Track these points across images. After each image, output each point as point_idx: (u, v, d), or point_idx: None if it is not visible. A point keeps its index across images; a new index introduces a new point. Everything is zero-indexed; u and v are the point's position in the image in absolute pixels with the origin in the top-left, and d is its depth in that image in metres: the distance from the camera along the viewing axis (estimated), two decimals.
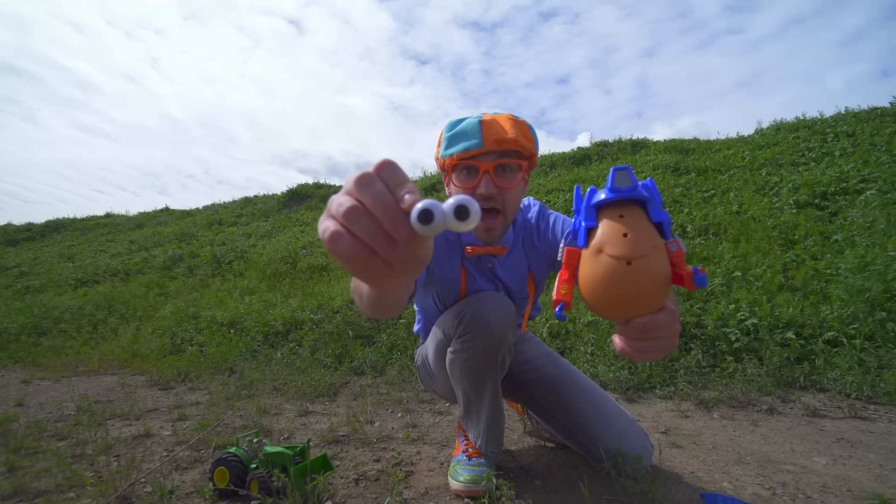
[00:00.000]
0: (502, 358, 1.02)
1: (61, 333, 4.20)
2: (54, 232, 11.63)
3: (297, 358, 2.84)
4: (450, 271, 1.07)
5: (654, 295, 0.48)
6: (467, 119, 0.97)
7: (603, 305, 0.49)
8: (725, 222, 4.08)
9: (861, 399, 1.82)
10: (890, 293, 2.39)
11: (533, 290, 1.17)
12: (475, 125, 0.94)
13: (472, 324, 0.97)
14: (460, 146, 0.94)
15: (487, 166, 0.94)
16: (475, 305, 0.99)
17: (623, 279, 0.47)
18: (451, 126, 0.98)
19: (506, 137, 0.92)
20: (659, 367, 2.20)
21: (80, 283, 6.24)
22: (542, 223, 1.12)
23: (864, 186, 4.18)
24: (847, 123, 6.21)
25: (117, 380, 2.67)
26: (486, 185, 0.94)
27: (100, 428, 1.63)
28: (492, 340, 0.97)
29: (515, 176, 0.98)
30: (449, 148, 0.96)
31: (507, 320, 0.99)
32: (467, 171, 0.96)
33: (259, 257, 5.78)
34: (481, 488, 0.98)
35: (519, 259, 1.12)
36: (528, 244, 1.12)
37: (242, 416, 1.77)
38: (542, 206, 1.15)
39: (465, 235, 1.07)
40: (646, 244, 0.47)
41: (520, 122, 0.97)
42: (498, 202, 0.97)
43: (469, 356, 0.99)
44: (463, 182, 0.97)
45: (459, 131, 0.95)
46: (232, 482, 1.01)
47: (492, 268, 1.10)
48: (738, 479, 1.10)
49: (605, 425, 1.09)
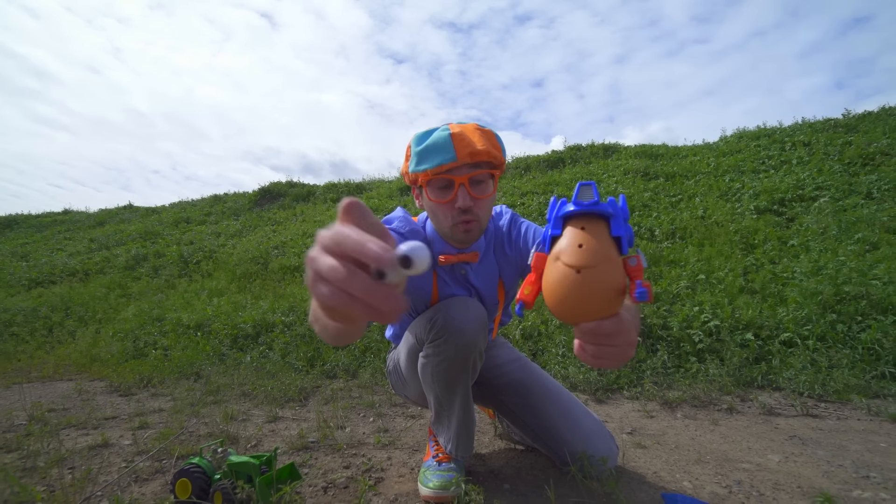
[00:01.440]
0: (473, 362, 1.03)
1: (13, 337, 3.97)
2: (7, 229, 10.97)
3: (268, 362, 2.78)
4: (419, 279, 1.07)
5: (603, 303, 0.50)
6: (436, 132, 0.96)
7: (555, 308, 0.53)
8: (691, 226, 4.23)
9: (813, 397, 1.92)
10: (840, 296, 2.53)
11: (503, 296, 1.18)
12: (447, 139, 0.94)
13: (443, 328, 0.98)
14: (434, 161, 0.94)
15: (462, 179, 0.94)
16: (447, 310, 0.99)
17: (572, 286, 0.50)
18: (419, 140, 0.97)
19: (478, 150, 0.93)
20: (627, 369, 2.26)
21: (34, 284, 5.91)
22: (514, 231, 1.14)
23: (819, 194, 4.42)
24: (804, 133, 6.55)
25: (74, 386, 2.55)
26: (462, 199, 0.95)
27: (53, 438, 1.55)
28: (463, 345, 0.98)
29: (488, 186, 0.99)
30: (421, 163, 0.96)
31: (479, 325, 1.00)
32: (443, 187, 0.97)
33: (229, 257, 5.62)
34: (450, 494, 0.98)
35: (490, 266, 1.13)
36: (500, 251, 1.14)
37: (208, 424, 1.71)
38: (514, 214, 1.17)
39: (437, 245, 1.07)
40: (598, 256, 0.50)
41: (487, 132, 0.98)
42: (474, 213, 0.98)
43: (440, 360, 1.00)
44: (439, 196, 0.97)
45: (431, 146, 0.94)
46: (194, 494, 0.98)
47: (465, 275, 1.11)
48: (697, 478, 1.15)
49: (572, 428, 1.12)
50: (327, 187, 9.44)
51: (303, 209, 8.27)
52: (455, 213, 0.97)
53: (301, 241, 5.92)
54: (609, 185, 5.97)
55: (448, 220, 0.99)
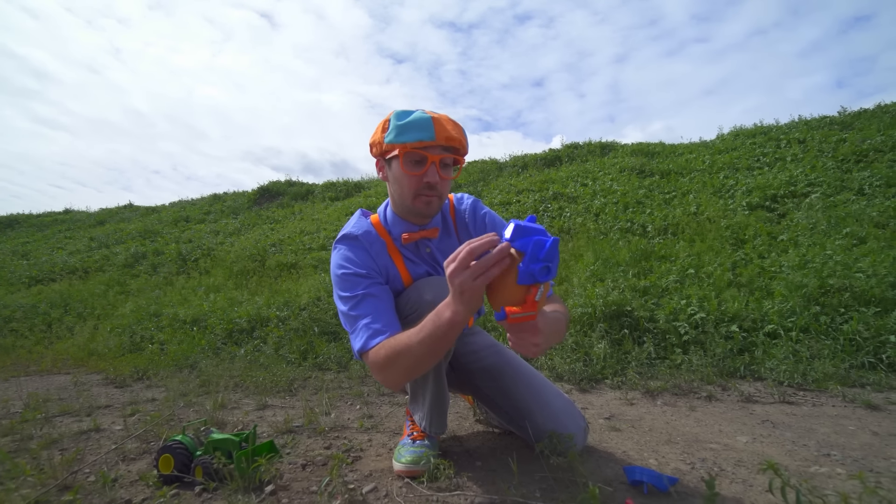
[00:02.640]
0: None
1: (12, 333, 4.03)
2: (8, 228, 11.05)
3: (261, 355, 2.83)
4: (385, 263, 1.13)
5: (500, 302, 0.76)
6: (415, 113, 1.04)
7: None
8: (683, 223, 4.27)
9: (792, 386, 1.95)
10: (825, 289, 2.56)
11: None
12: (428, 120, 1.02)
13: (415, 305, 1.04)
14: (414, 136, 1.01)
15: (435, 158, 1.03)
16: (419, 289, 1.08)
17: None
18: (401, 115, 1.04)
19: (453, 136, 1.03)
20: (612, 360, 2.30)
21: (34, 282, 5.98)
22: (478, 214, 1.24)
23: (811, 190, 4.45)
24: (799, 131, 6.57)
25: (71, 379, 2.60)
26: (432, 175, 1.04)
27: (47, 424, 1.59)
28: None
29: (452, 170, 1.11)
30: (401, 136, 1.02)
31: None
32: (417, 161, 1.04)
33: (226, 255, 5.67)
34: (420, 468, 1.03)
35: (453, 244, 1.19)
36: (464, 231, 1.23)
37: (198, 412, 1.76)
38: (476, 199, 1.27)
39: (397, 226, 1.14)
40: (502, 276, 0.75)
41: (458, 125, 1.09)
42: (438, 191, 1.07)
43: None
44: (411, 169, 1.04)
45: (412, 123, 1.02)
46: (176, 468, 1.02)
47: (430, 252, 1.18)
48: (664, 456, 1.18)
49: (541, 408, 1.16)
50: (325, 186, 9.49)
51: (301, 208, 8.32)
52: (422, 186, 1.05)
53: (298, 238, 5.97)
54: (605, 182, 6.01)
55: (412, 191, 1.06)
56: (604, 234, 4.41)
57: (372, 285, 1.05)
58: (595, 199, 5.42)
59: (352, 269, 1.06)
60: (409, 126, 1.02)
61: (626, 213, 4.81)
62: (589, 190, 5.80)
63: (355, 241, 1.11)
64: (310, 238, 5.91)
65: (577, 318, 2.70)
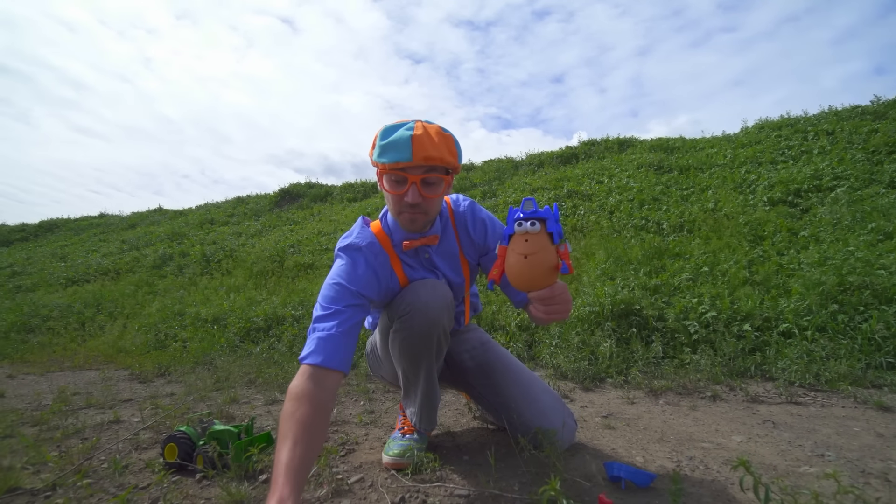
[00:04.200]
0: (438, 341, 1.10)
1: (49, 331, 4.28)
2: (48, 232, 11.68)
3: (275, 352, 2.92)
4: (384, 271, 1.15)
5: (544, 277, 0.79)
6: (400, 130, 1.02)
7: (514, 282, 0.81)
8: (700, 219, 4.17)
9: (804, 387, 1.91)
10: (844, 286, 2.48)
11: (468, 273, 1.26)
12: (406, 140, 1.00)
13: (410, 305, 1.07)
14: (391, 157, 1.00)
15: (415, 178, 1.02)
16: (415, 290, 1.10)
17: (523, 267, 0.79)
18: (384, 134, 1.04)
19: (432, 155, 1.00)
20: (618, 359, 2.29)
21: (70, 283, 6.31)
22: (477, 217, 1.23)
23: (836, 184, 4.27)
24: (828, 122, 6.31)
25: (99, 374, 2.75)
26: (412, 195, 1.03)
27: (72, 415, 1.71)
28: (427, 321, 1.06)
29: (439, 188, 1.07)
30: (381, 156, 1.02)
31: (443, 304, 1.08)
32: (396, 181, 1.04)
33: (247, 256, 5.85)
34: (405, 461, 1.07)
35: (451, 246, 1.22)
36: (463, 232, 1.24)
37: (211, 406, 1.85)
38: (473, 202, 1.26)
39: (398, 233, 1.16)
40: (537, 246, 0.78)
41: (447, 137, 1.05)
42: (422, 208, 1.07)
43: (406, 335, 1.09)
44: (393, 188, 1.05)
45: (391, 143, 1.01)
46: (180, 457, 1.09)
47: (429, 258, 1.20)
48: (652, 454, 1.19)
49: (529, 404, 1.18)
50: (344, 187, 9.66)
51: (320, 209, 8.50)
52: (404, 205, 1.05)
53: (315, 239, 6.11)
54: (621, 179, 5.92)
55: (397, 209, 1.09)
56: (617, 231, 4.36)
57: (352, 305, 1.04)
58: (610, 196, 5.35)
59: (344, 282, 1.06)
60: (388, 146, 1.01)
61: (641, 211, 4.73)
62: (604, 187, 5.72)
63: (359, 251, 1.12)
64: (327, 239, 6.04)
65: (585, 316, 2.69)
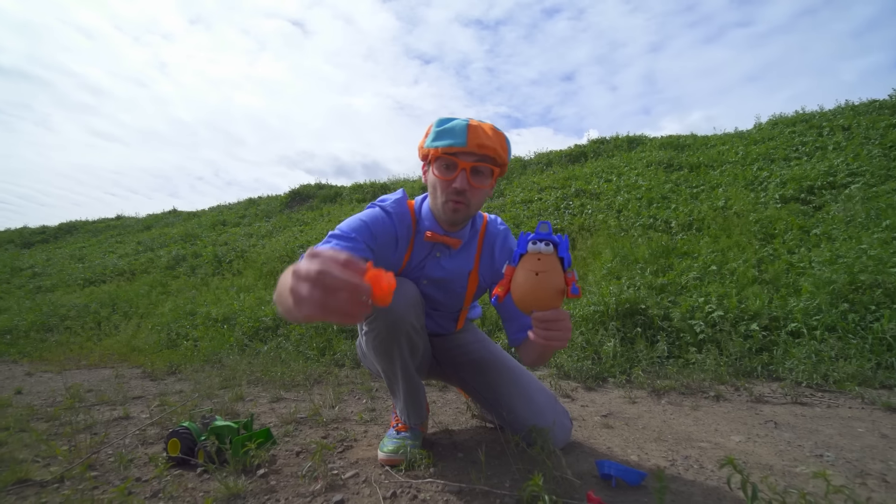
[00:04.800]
0: (407, 337, 1.10)
1: (67, 330, 4.40)
2: (67, 234, 11.99)
3: (283, 351, 2.97)
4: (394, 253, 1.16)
5: (551, 298, 0.80)
6: (457, 120, 1.07)
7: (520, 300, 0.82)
8: (709, 218, 4.12)
9: (811, 387, 1.88)
10: (855, 285, 2.43)
11: (475, 288, 1.27)
12: (463, 127, 1.04)
13: (374, 307, 1.07)
14: (446, 142, 1.04)
15: (466, 165, 1.05)
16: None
17: (532, 284, 0.80)
18: (441, 122, 1.08)
19: (486, 143, 1.04)
20: (622, 359, 2.28)
21: (87, 283, 6.47)
22: (507, 244, 1.25)
23: (851, 180, 4.18)
24: (844, 117, 6.17)
25: (113, 372, 2.82)
26: (461, 181, 1.05)
27: (85, 412, 1.76)
28: (392, 321, 1.06)
29: (487, 179, 1.09)
30: (436, 141, 1.06)
31: (407, 303, 1.08)
32: (447, 166, 1.07)
33: (258, 256, 5.94)
34: (398, 457, 1.08)
35: (468, 258, 1.23)
36: (487, 251, 1.25)
37: (217, 403, 1.89)
38: (508, 229, 1.28)
39: (427, 222, 1.17)
40: (548, 265, 0.80)
41: (499, 134, 1.08)
42: (466, 198, 1.08)
43: (374, 336, 1.10)
44: (442, 174, 1.07)
45: (448, 129, 1.05)
46: (182, 452, 1.13)
47: (438, 258, 1.20)
48: (647, 453, 1.18)
49: (525, 402, 1.18)
50: (353, 188, 9.73)
51: (329, 210, 8.57)
52: (451, 191, 1.07)
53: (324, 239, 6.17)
54: (629, 177, 5.87)
55: (442, 197, 1.09)
56: (625, 230, 4.32)
57: (365, 244, 1.06)
58: (618, 195, 5.30)
59: (369, 225, 1.09)
60: (444, 132, 1.05)
61: (649, 209, 4.69)
62: (613, 186, 5.68)
63: (388, 216, 1.14)
64: None
65: (589, 316, 2.68)
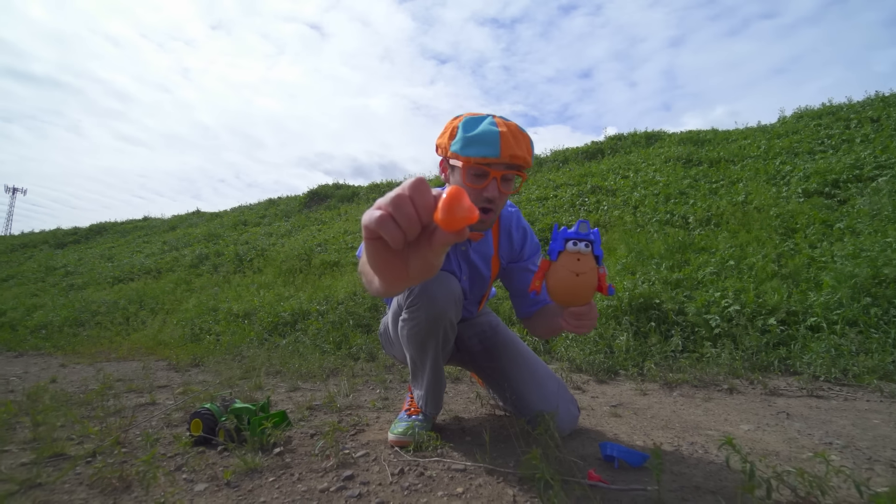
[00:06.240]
0: (444, 332, 1.14)
1: (97, 325, 4.60)
2: (97, 235, 12.46)
3: (301, 345, 3.05)
4: None
5: (586, 295, 0.86)
6: (483, 123, 1.05)
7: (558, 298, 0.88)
8: (728, 213, 4.04)
9: (830, 381, 1.84)
10: (878, 279, 2.37)
11: (497, 270, 1.31)
12: (496, 136, 1.02)
13: (418, 297, 1.12)
14: (478, 151, 1.02)
15: (497, 174, 1.05)
16: (426, 281, 1.13)
17: (573, 284, 0.84)
18: (469, 126, 1.05)
19: (518, 154, 1.04)
20: (634, 353, 2.27)
21: (116, 281, 6.73)
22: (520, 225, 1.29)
23: (879, 173, 4.04)
24: (873, 108, 5.96)
25: (141, 364, 2.95)
26: (492, 190, 1.06)
27: (115, 398, 1.86)
28: (434, 314, 1.10)
29: (513, 185, 1.11)
30: (467, 149, 1.03)
31: (451, 298, 1.12)
32: (479, 175, 1.06)
33: (277, 255, 6.08)
34: (407, 438, 1.12)
35: (488, 246, 1.26)
36: (504, 234, 1.28)
37: (238, 392, 1.96)
38: (518, 209, 1.32)
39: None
40: (586, 266, 0.85)
41: (525, 136, 1.08)
42: (495, 204, 1.10)
43: (413, 325, 1.13)
44: (473, 182, 1.06)
45: (479, 137, 1.02)
46: (204, 431, 1.19)
47: (465, 250, 1.24)
48: (653, 439, 1.19)
49: (535, 388, 1.21)
50: (370, 188, 9.85)
51: (347, 209, 8.71)
52: (481, 199, 1.07)
53: (341, 238, 6.27)
54: (647, 173, 5.79)
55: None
56: (641, 226, 4.28)
57: None
58: (635, 190, 5.24)
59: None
60: (475, 140, 1.02)
61: (666, 205, 4.63)
62: (629, 182, 5.62)
63: None
64: (352, 238, 6.20)
65: (603, 310, 2.67)
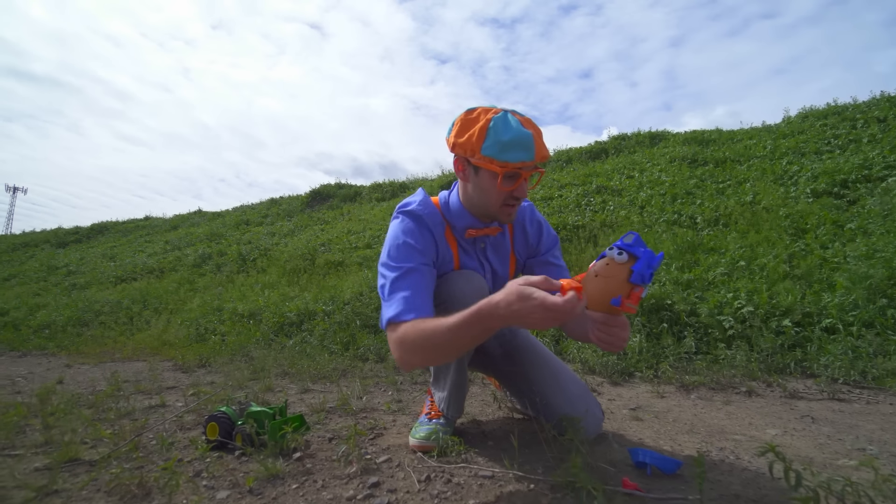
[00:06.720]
0: None
1: (101, 325, 4.57)
2: (99, 234, 12.43)
3: (308, 346, 3.02)
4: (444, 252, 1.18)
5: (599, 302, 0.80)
6: (514, 126, 1.02)
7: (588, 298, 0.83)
8: (736, 213, 4.02)
9: (848, 384, 1.82)
10: (894, 279, 2.34)
11: (514, 268, 1.29)
12: (530, 140, 1.02)
13: (447, 296, 1.09)
14: (517, 157, 1.01)
15: (526, 174, 1.06)
16: (453, 281, 1.12)
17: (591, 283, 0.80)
18: (502, 129, 1.01)
19: (546, 154, 1.06)
20: (648, 354, 2.24)
21: (119, 280, 6.71)
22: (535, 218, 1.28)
23: (888, 173, 4.02)
24: (880, 108, 5.93)
25: (146, 364, 2.92)
26: (522, 190, 1.08)
27: (124, 400, 1.83)
28: None
29: (534, 180, 1.12)
30: (504, 154, 1.01)
31: (479, 297, 1.09)
32: (511, 176, 1.05)
33: (281, 254, 6.05)
34: (431, 443, 1.10)
35: (505, 242, 1.25)
36: (519, 229, 1.26)
37: (248, 394, 1.94)
38: (532, 203, 1.30)
39: (463, 219, 1.17)
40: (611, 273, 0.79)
41: (541, 132, 1.08)
42: (520, 201, 1.11)
43: None
44: (506, 184, 1.05)
45: (515, 142, 1.01)
46: (221, 435, 1.16)
47: (483, 248, 1.22)
48: (680, 444, 1.17)
49: (558, 392, 1.18)
50: (373, 187, 9.83)
51: (349, 209, 8.68)
52: (509, 198, 1.08)
53: (345, 238, 6.25)
54: (652, 173, 5.77)
55: (499, 202, 1.09)
56: (648, 226, 4.25)
57: (423, 264, 1.07)
58: (641, 191, 5.22)
59: (411, 241, 1.08)
60: (512, 145, 1.00)
61: (673, 205, 4.60)
62: (635, 182, 5.59)
63: (420, 219, 1.13)
64: (356, 237, 6.17)
65: None
